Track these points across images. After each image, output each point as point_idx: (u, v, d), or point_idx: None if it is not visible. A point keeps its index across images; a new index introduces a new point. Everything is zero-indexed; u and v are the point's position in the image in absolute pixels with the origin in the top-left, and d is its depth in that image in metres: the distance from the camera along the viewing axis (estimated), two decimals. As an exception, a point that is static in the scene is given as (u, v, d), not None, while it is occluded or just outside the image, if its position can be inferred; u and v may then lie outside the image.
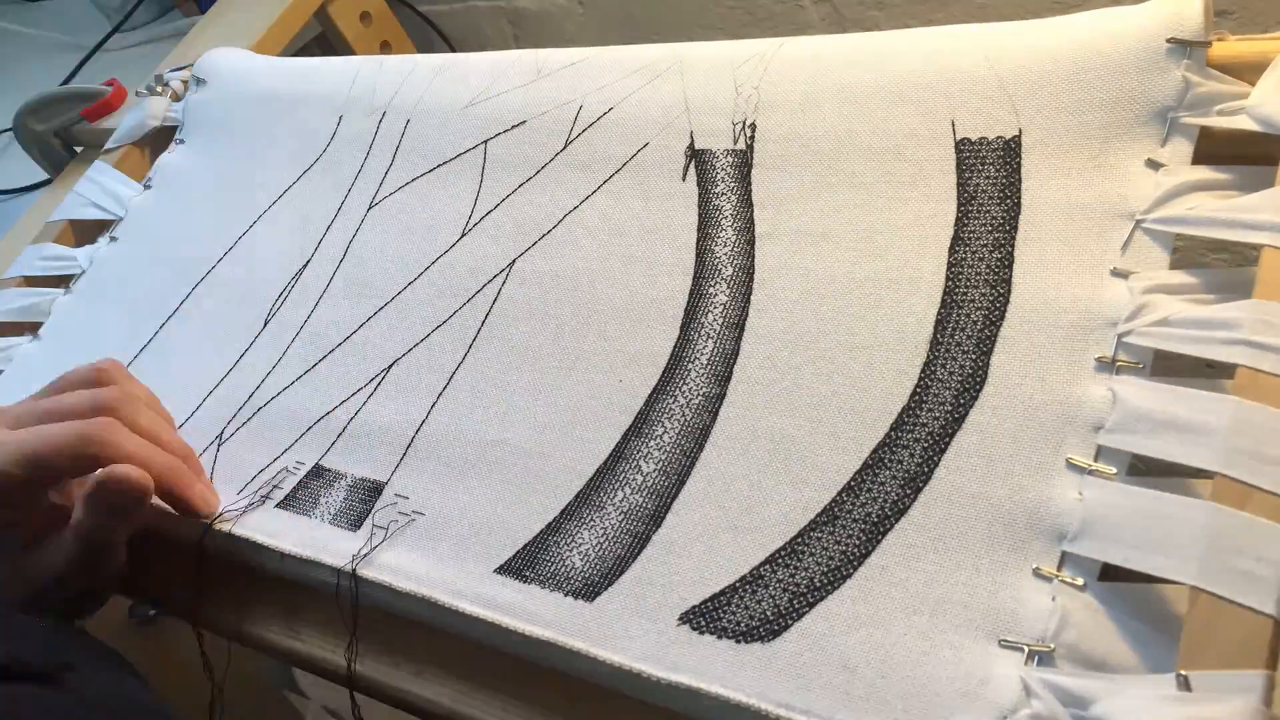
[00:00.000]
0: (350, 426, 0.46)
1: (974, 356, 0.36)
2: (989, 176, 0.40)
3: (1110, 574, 0.31)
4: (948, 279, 0.38)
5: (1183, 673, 0.27)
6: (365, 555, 0.40)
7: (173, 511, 0.42)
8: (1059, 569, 0.31)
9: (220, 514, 0.43)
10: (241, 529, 0.42)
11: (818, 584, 0.34)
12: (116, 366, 0.44)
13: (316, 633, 0.41)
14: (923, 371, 0.37)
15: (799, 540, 0.35)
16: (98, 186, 0.66)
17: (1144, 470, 0.33)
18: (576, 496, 0.39)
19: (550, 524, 0.39)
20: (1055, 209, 0.38)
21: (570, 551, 0.37)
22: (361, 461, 0.44)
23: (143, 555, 0.47)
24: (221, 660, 0.43)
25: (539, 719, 0.36)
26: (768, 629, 0.33)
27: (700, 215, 0.45)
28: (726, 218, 0.44)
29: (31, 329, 0.60)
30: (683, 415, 0.40)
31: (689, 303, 0.42)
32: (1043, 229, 0.38)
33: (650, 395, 0.41)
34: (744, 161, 0.45)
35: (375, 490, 0.42)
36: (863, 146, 0.43)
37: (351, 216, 0.54)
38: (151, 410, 0.44)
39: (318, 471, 0.44)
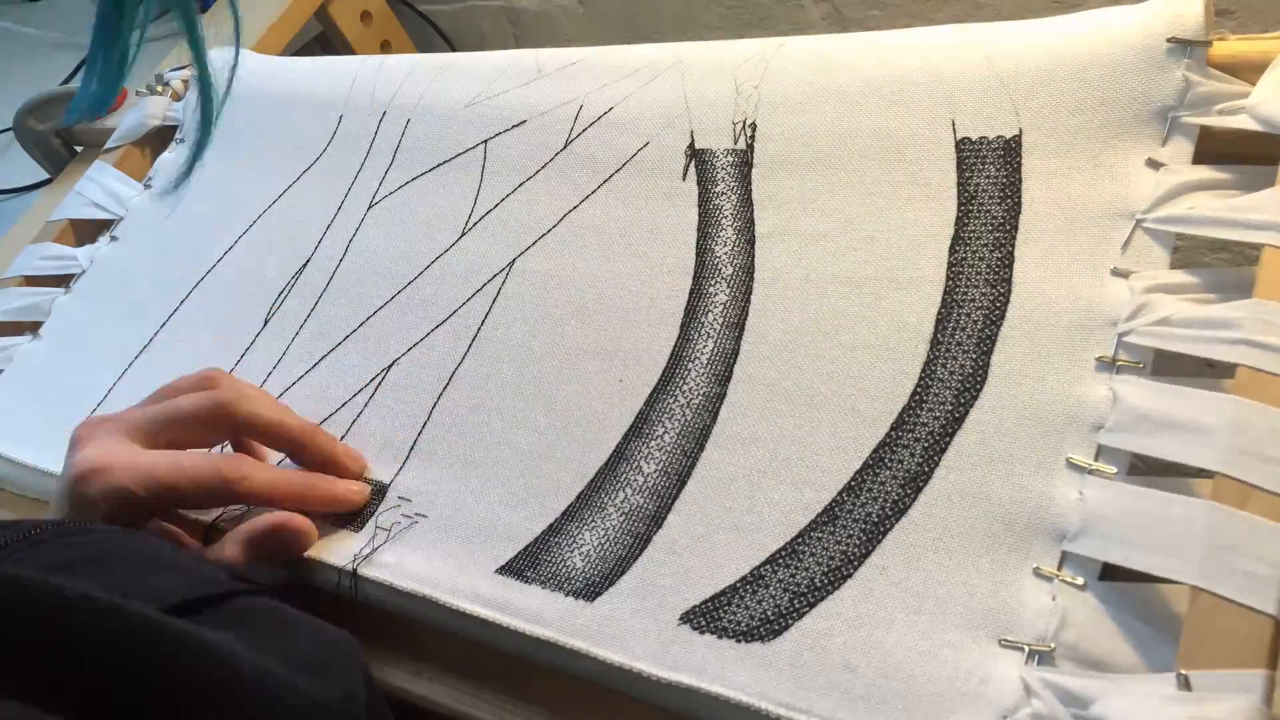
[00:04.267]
0: (352, 428, 0.46)
1: (974, 356, 0.36)
2: (989, 176, 0.40)
3: (1110, 573, 0.31)
4: (948, 278, 0.38)
5: (1183, 672, 0.27)
6: (366, 555, 0.40)
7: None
8: (1059, 568, 0.31)
9: (222, 515, 0.43)
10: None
11: (818, 584, 0.34)
12: (219, 371, 0.44)
13: (317, 632, 0.41)
14: (923, 371, 0.37)
15: (799, 540, 0.35)
16: (98, 186, 0.66)
17: (1144, 470, 0.33)
18: (578, 497, 0.39)
19: (552, 524, 0.39)
20: (1056, 208, 0.38)
21: (571, 552, 0.37)
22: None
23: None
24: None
25: (539, 719, 0.36)
26: (768, 629, 0.33)
27: (700, 215, 0.45)
28: (727, 217, 0.44)
29: (31, 329, 0.60)
30: (683, 415, 0.40)
31: (689, 302, 0.42)
32: (1043, 228, 0.38)
33: (651, 395, 0.41)
34: (744, 161, 0.45)
35: (379, 492, 0.42)
36: (863, 146, 0.43)
37: (351, 216, 0.54)
38: (266, 398, 0.44)
39: (318, 471, 0.44)
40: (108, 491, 0.38)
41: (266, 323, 0.52)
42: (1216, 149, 0.37)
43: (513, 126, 0.52)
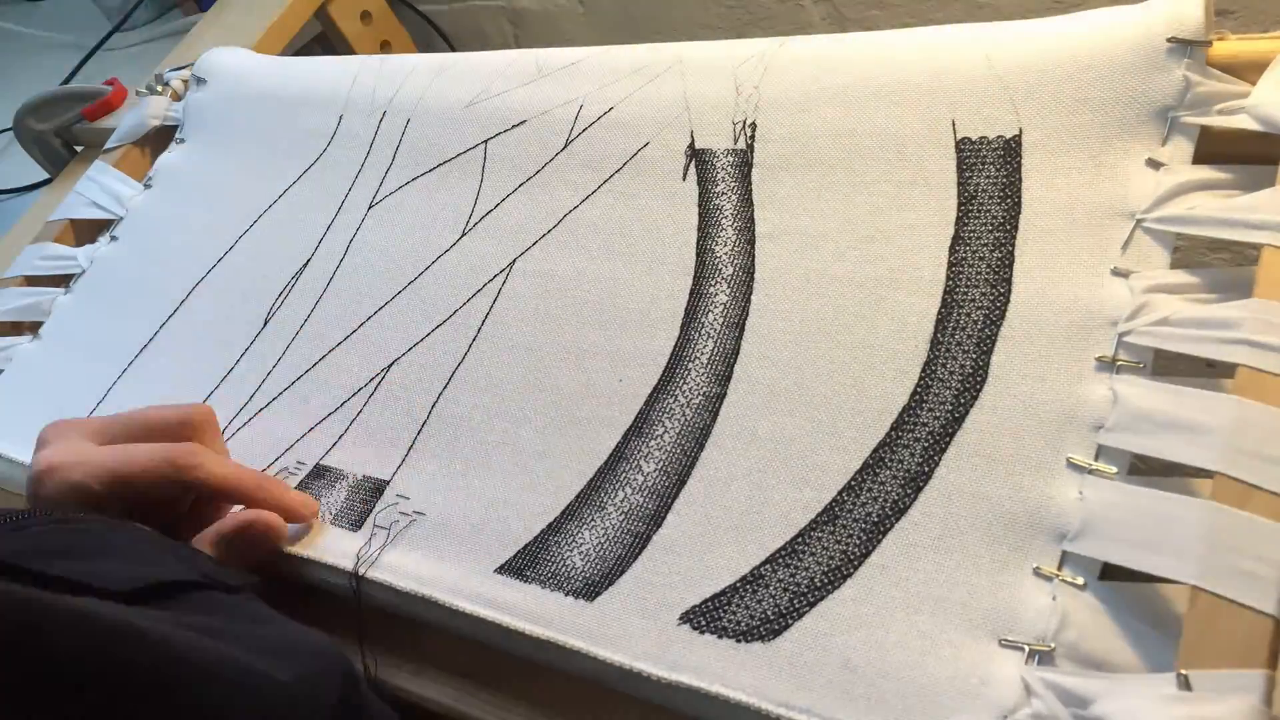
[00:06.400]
0: (352, 427, 0.46)
1: (974, 356, 0.36)
2: (989, 176, 0.40)
3: (1110, 573, 0.31)
4: (948, 278, 0.38)
5: (1183, 672, 0.27)
6: (370, 557, 0.40)
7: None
8: (1059, 568, 0.31)
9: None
10: (242, 528, 0.42)
11: (818, 583, 0.34)
12: (199, 416, 0.43)
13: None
14: (923, 371, 0.37)
15: (799, 540, 0.35)
16: (98, 186, 0.66)
17: (1144, 470, 0.33)
18: (577, 496, 0.39)
19: (551, 524, 0.39)
20: (1056, 208, 0.38)
21: (571, 551, 0.37)
22: (364, 461, 0.44)
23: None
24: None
25: (539, 719, 0.36)
26: (768, 628, 0.33)
27: (700, 215, 0.45)
28: (727, 217, 0.44)
29: (31, 329, 0.60)
30: (683, 415, 0.40)
31: (689, 302, 0.42)
32: (1043, 228, 0.38)
33: (651, 395, 0.41)
34: (744, 161, 0.45)
35: (377, 490, 0.42)
36: (863, 146, 0.43)
37: (352, 216, 0.54)
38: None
39: (319, 471, 0.44)
40: (63, 488, 0.38)
41: (266, 323, 0.52)
42: (1216, 149, 0.37)
43: (513, 126, 0.52)
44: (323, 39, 0.89)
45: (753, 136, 0.45)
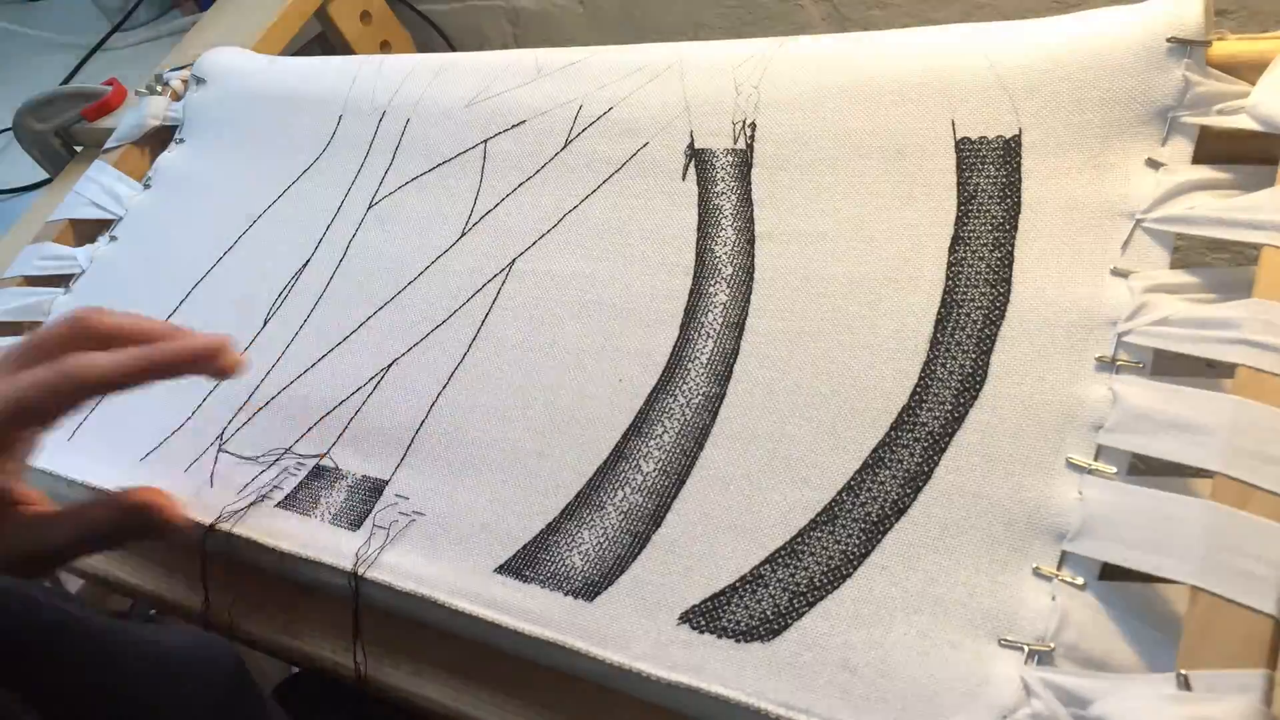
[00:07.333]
0: (350, 426, 0.46)
1: (974, 356, 0.36)
2: (989, 176, 0.40)
3: (1110, 573, 0.31)
4: (948, 278, 0.38)
5: (1183, 672, 0.27)
6: (369, 558, 0.40)
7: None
8: (1059, 568, 0.31)
9: (221, 514, 0.43)
10: (242, 529, 0.42)
11: (818, 583, 0.34)
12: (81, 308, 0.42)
13: (316, 632, 0.41)
14: (923, 371, 0.37)
15: (799, 540, 0.35)
16: (97, 186, 0.66)
17: (1144, 470, 0.33)
18: (576, 496, 0.39)
19: (550, 523, 0.39)
20: (1055, 208, 0.38)
21: (570, 551, 0.37)
22: (362, 461, 0.44)
23: (142, 556, 0.47)
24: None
25: (539, 719, 0.36)
26: (768, 628, 0.33)
27: (700, 215, 0.45)
28: (726, 217, 0.44)
29: (31, 329, 0.60)
30: (683, 415, 0.39)
31: (689, 302, 0.42)
32: (1043, 228, 0.38)
33: (650, 395, 0.41)
34: (744, 161, 0.45)
35: (376, 490, 0.42)
36: (863, 146, 0.43)
37: (351, 216, 0.54)
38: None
39: (318, 471, 0.44)
40: None
41: (266, 322, 0.52)
42: (1216, 149, 0.37)
43: (512, 126, 0.52)
44: (323, 39, 0.89)
45: (752, 136, 0.45)
